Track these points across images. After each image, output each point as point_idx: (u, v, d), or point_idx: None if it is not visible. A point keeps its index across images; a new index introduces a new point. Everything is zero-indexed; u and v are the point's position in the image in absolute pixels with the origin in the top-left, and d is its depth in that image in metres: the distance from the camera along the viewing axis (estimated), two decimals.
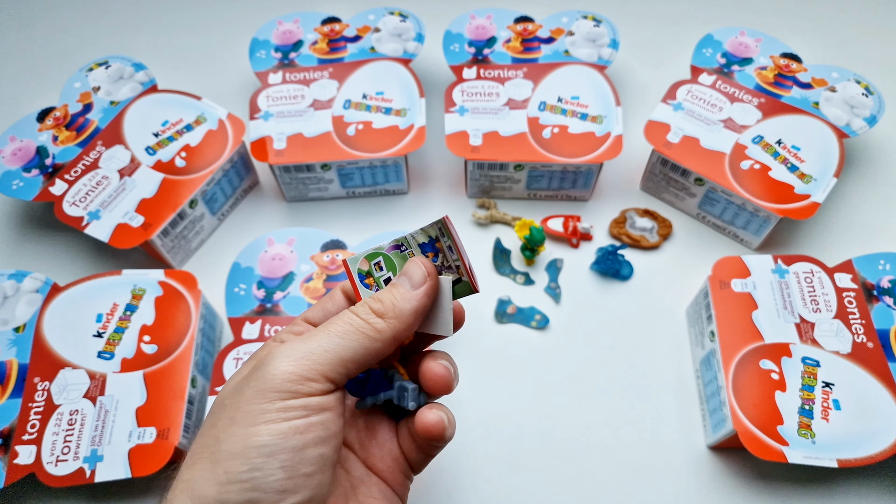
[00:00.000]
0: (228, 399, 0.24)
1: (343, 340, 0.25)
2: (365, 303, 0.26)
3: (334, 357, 0.24)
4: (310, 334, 0.25)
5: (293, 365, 0.24)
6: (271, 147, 0.52)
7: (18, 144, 0.52)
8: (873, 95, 0.54)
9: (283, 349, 0.24)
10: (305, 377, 0.24)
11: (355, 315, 0.26)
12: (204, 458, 0.23)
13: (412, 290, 0.26)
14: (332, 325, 0.25)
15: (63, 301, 0.46)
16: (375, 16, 0.59)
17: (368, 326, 0.25)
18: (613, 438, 0.45)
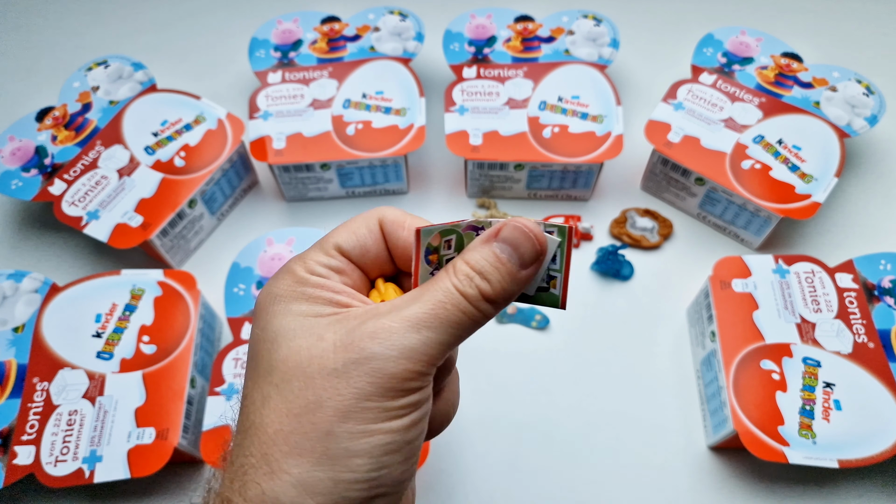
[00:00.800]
0: (321, 378, 0.22)
1: (455, 330, 0.23)
2: (472, 283, 0.23)
3: (446, 350, 0.23)
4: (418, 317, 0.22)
5: (414, 363, 0.22)
6: (271, 147, 0.52)
7: (17, 144, 0.52)
8: (874, 95, 0.53)
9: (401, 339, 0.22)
10: (423, 373, 0.22)
11: (466, 301, 0.23)
12: (316, 453, 0.21)
13: (521, 270, 0.23)
14: (443, 310, 0.23)
15: (62, 301, 0.46)
16: (375, 15, 0.59)
17: (479, 315, 0.23)
18: (614, 439, 0.45)
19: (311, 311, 0.23)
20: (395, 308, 0.23)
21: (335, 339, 0.22)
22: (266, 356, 0.23)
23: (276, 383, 0.22)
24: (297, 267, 0.24)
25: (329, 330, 0.22)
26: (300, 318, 0.23)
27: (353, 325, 0.22)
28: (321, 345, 0.22)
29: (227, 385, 0.42)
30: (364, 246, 0.25)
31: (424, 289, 0.23)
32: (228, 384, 0.43)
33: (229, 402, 0.42)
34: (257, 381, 0.23)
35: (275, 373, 0.22)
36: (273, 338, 0.23)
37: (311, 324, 0.23)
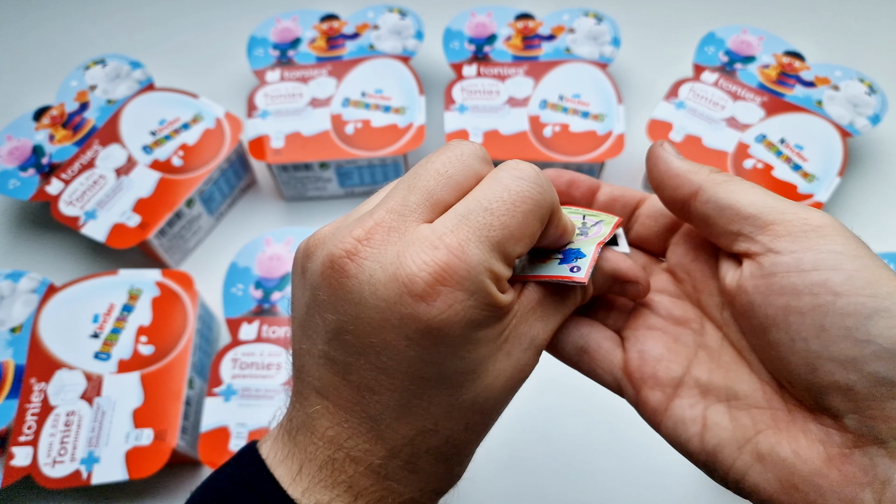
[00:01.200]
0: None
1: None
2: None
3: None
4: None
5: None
6: (269, 146, 0.52)
7: (14, 143, 0.52)
8: (876, 94, 0.53)
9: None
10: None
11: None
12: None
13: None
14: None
15: (59, 301, 0.45)
16: (374, 13, 0.59)
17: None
18: (615, 438, 0.44)
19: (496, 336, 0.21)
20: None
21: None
22: (469, 387, 0.21)
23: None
24: (487, 282, 0.19)
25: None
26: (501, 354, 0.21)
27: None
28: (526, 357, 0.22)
29: (226, 386, 0.42)
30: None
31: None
32: (226, 385, 0.42)
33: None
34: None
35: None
36: (472, 369, 0.20)
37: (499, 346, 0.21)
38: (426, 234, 0.19)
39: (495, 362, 0.21)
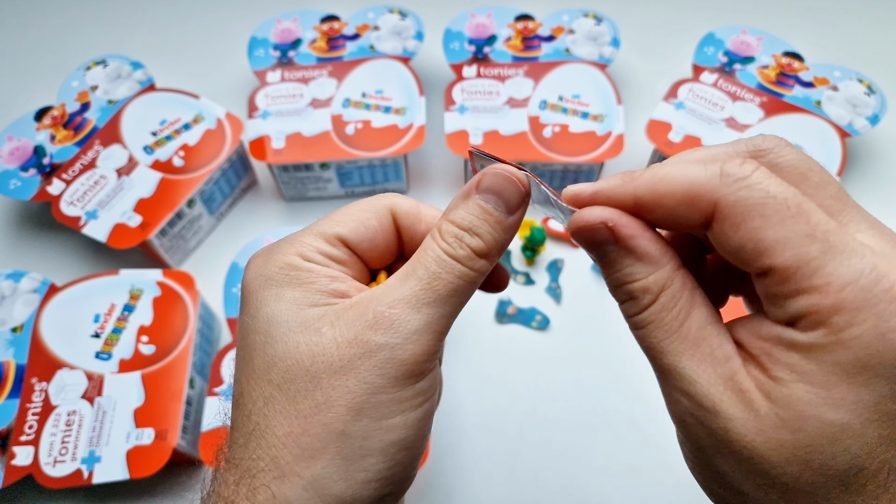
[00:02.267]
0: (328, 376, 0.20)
1: (455, 298, 0.21)
2: (462, 243, 0.21)
3: (450, 321, 0.21)
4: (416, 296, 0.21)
5: (422, 345, 0.20)
6: (270, 146, 0.52)
7: (16, 143, 0.52)
8: (875, 94, 0.53)
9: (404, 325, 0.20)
10: (432, 353, 0.21)
11: (460, 264, 0.21)
12: (328, 454, 0.20)
13: (509, 216, 0.22)
14: (438, 282, 0.21)
15: (61, 301, 0.45)
16: (375, 14, 0.59)
17: (476, 275, 0.21)
18: (615, 439, 0.45)
19: (306, 299, 0.21)
20: (390, 290, 0.21)
21: (335, 333, 0.20)
22: (260, 350, 0.21)
23: (277, 383, 0.21)
24: (288, 249, 0.22)
25: (327, 323, 0.21)
26: (294, 306, 0.21)
27: (353, 317, 0.21)
28: (321, 340, 0.20)
29: (227, 386, 0.42)
30: (374, 240, 0.23)
31: (416, 262, 0.22)
32: (227, 385, 0.42)
33: (223, 398, 0.42)
34: (254, 377, 0.21)
35: (273, 370, 0.21)
36: (266, 328, 0.21)
37: (307, 316, 0.21)
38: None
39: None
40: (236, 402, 0.22)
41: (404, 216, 0.24)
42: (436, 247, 0.21)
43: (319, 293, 0.22)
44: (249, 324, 0.22)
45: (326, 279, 0.22)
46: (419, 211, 0.24)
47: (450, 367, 0.48)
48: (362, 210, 0.23)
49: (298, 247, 0.22)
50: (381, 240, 0.24)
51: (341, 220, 0.23)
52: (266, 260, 0.22)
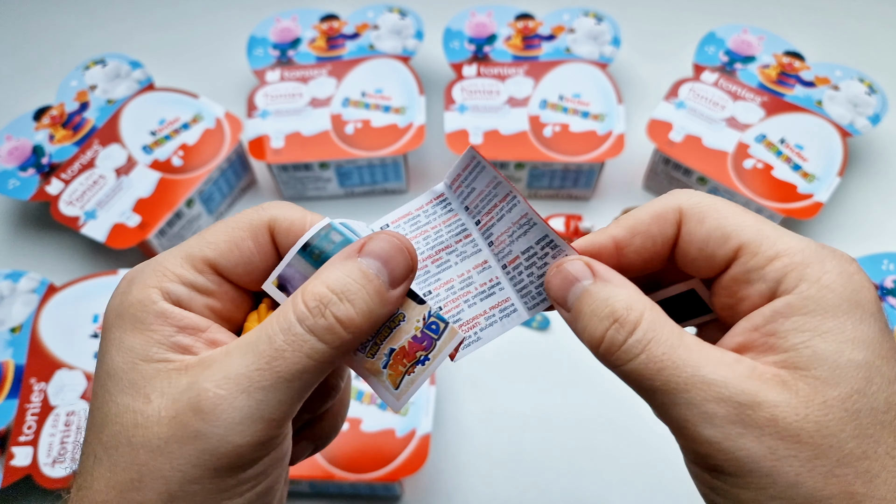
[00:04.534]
0: (146, 452, 0.18)
1: (301, 382, 0.18)
2: (326, 311, 0.18)
3: (292, 407, 0.19)
4: (250, 376, 0.18)
5: (247, 437, 0.18)
6: (269, 146, 0.52)
7: (14, 143, 0.52)
8: (876, 94, 0.53)
9: (227, 411, 0.18)
10: (261, 444, 0.18)
11: (315, 338, 0.18)
12: None
13: (391, 289, 0.19)
14: (281, 361, 0.18)
15: (59, 301, 0.45)
16: (374, 13, 0.59)
17: (334, 353, 0.19)
18: (615, 439, 0.44)
19: (144, 351, 0.19)
20: (226, 360, 0.18)
21: (160, 404, 0.18)
22: (98, 403, 0.19)
23: (104, 445, 0.19)
24: (149, 279, 0.20)
25: (156, 390, 0.18)
26: (130, 359, 0.19)
27: (181, 388, 0.18)
28: (147, 409, 0.18)
29: None
30: (250, 263, 0.20)
31: (263, 328, 0.19)
32: None
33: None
34: (91, 431, 0.19)
35: (104, 431, 0.19)
36: (104, 381, 0.19)
37: (140, 374, 0.19)
38: None
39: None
40: (82, 448, 0.20)
41: (285, 233, 0.21)
42: (290, 313, 0.18)
43: (159, 345, 0.19)
44: (97, 370, 0.20)
45: (170, 329, 0.19)
46: (304, 222, 0.21)
47: (450, 367, 0.48)
48: (236, 228, 0.20)
49: (159, 277, 0.20)
50: (258, 262, 0.21)
51: (212, 240, 0.20)
52: (127, 289, 0.20)
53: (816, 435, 0.17)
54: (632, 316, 0.19)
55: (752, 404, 0.17)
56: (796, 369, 0.18)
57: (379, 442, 0.40)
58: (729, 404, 0.17)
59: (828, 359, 0.17)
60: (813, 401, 0.17)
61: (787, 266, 0.19)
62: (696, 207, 0.20)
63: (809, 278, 0.18)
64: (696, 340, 0.19)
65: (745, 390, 0.18)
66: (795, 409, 0.17)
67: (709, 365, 0.18)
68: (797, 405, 0.17)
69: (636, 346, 0.19)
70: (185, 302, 0.20)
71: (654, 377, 0.18)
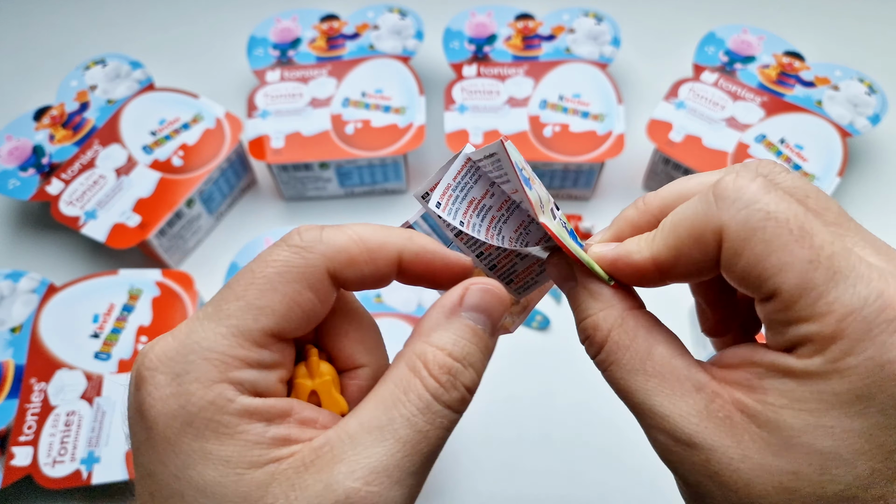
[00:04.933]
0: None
1: (437, 452, 0.18)
2: (456, 380, 0.18)
3: (429, 469, 0.18)
4: (397, 466, 0.17)
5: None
6: (269, 146, 0.52)
7: (15, 143, 0.52)
8: (876, 94, 0.53)
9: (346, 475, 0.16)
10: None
11: (451, 411, 0.18)
12: None
13: (491, 338, 0.19)
14: (426, 443, 0.17)
15: (59, 301, 0.45)
16: (374, 13, 0.59)
17: (459, 416, 0.18)
18: (615, 440, 0.44)
19: (241, 457, 0.16)
20: (359, 448, 0.16)
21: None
22: None
23: None
24: (206, 373, 0.16)
25: (281, 497, 0.16)
26: (228, 472, 0.16)
27: (317, 492, 0.16)
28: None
29: None
30: (312, 317, 0.18)
31: (392, 408, 0.17)
32: None
33: None
34: None
35: None
36: (194, 499, 0.16)
37: (253, 484, 0.16)
38: None
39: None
40: None
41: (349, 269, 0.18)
42: (423, 390, 0.17)
43: (258, 446, 0.16)
44: (174, 487, 0.16)
45: (261, 426, 0.17)
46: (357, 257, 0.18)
47: None
48: (289, 280, 0.17)
49: (221, 368, 0.16)
50: (319, 312, 0.18)
51: (265, 304, 0.17)
52: (177, 387, 0.16)
53: (744, 489, 0.17)
54: (598, 336, 0.20)
55: (689, 443, 0.18)
56: (755, 423, 0.17)
57: None
58: (668, 436, 0.18)
59: (787, 434, 0.16)
60: (751, 459, 0.17)
61: (814, 334, 0.16)
62: (737, 233, 0.17)
63: (832, 355, 0.16)
64: (668, 360, 0.19)
65: (686, 429, 0.18)
66: (731, 459, 0.17)
67: (661, 394, 0.18)
68: (733, 455, 0.17)
69: (601, 363, 0.20)
70: (260, 387, 0.17)
71: (617, 392, 0.20)
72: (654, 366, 0.19)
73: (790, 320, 0.17)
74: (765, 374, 0.17)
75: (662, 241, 0.19)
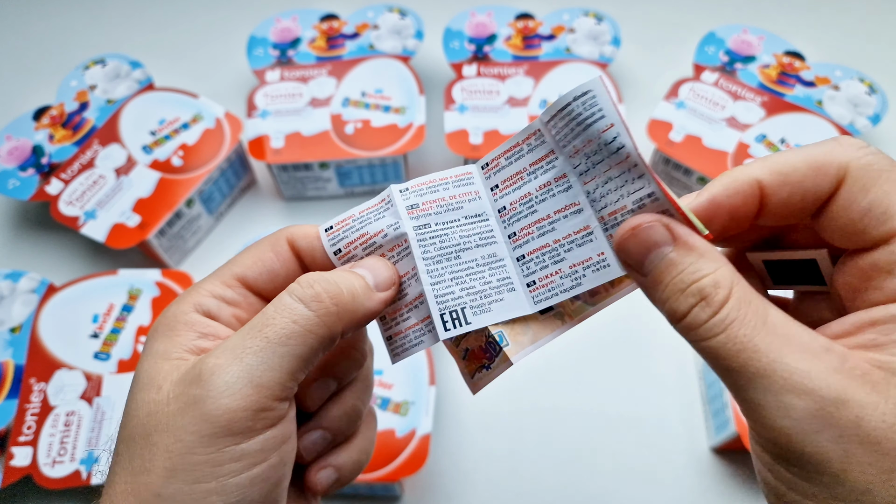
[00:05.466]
0: (156, 433, 0.19)
1: (291, 349, 0.20)
2: (311, 280, 0.21)
3: (286, 374, 0.20)
4: (244, 344, 0.20)
5: (243, 400, 0.19)
6: (269, 146, 0.52)
7: (14, 143, 0.52)
8: (877, 94, 0.53)
9: (220, 375, 0.19)
10: (259, 409, 0.19)
11: (301, 304, 0.20)
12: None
13: (375, 291, 0.22)
14: (270, 327, 0.20)
15: (59, 301, 0.45)
16: (374, 13, 0.59)
17: (317, 321, 0.20)
18: (615, 440, 0.44)
19: (167, 352, 0.21)
20: (224, 342, 0.20)
21: (169, 389, 0.20)
22: (125, 407, 0.21)
23: (124, 439, 0.20)
24: (188, 297, 0.22)
25: (168, 379, 0.20)
26: (154, 360, 0.21)
27: (186, 370, 0.20)
28: (158, 397, 0.20)
29: None
30: (272, 271, 0.23)
31: (258, 314, 0.21)
32: None
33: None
34: (118, 430, 0.21)
35: (125, 427, 0.20)
36: (134, 383, 0.21)
37: (158, 370, 0.20)
38: None
39: None
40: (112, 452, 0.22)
41: (301, 238, 0.23)
42: (283, 292, 0.21)
43: (181, 347, 0.21)
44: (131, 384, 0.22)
45: (193, 335, 0.21)
46: (319, 234, 0.23)
47: (450, 367, 0.47)
48: (258, 245, 0.23)
49: (195, 295, 0.22)
50: (280, 269, 0.23)
51: (239, 259, 0.23)
52: (171, 305, 0.22)
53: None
54: (720, 295, 0.17)
55: (837, 401, 0.16)
56: (893, 374, 0.16)
57: (379, 442, 0.40)
58: (811, 398, 0.16)
59: None
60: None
61: None
62: (865, 171, 0.18)
63: None
64: (785, 320, 0.17)
65: (831, 385, 0.16)
66: (883, 415, 0.16)
67: (794, 352, 0.17)
68: (885, 411, 0.16)
69: (718, 324, 0.17)
70: (213, 313, 0.22)
71: (731, 358, 0.17)
72: (775, 325, 0.17)
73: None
74: (892, 329, 0.17)
75: (769, 166, 0.18)
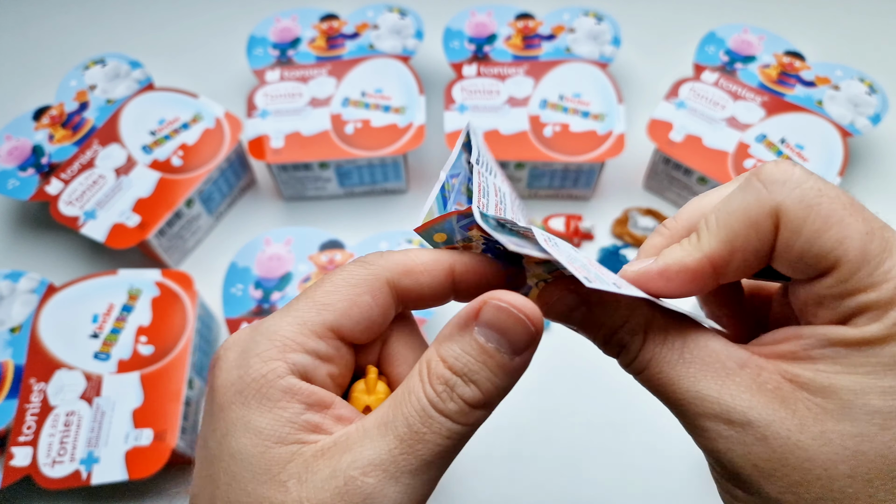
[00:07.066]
0: None
1: (441, 460, 0.18)
2: (452, 392, 0.18)
3: (433, 486, 0.18)
4: (396, 462, 0.17)
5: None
6: (269, 146, 0.51)
7: (14, 143, 0.52)
8: (877, 94, 0.53)
9: (378, 499, 0.17)
10: None
11: (450, 420, 0.18)
12: None
13: (513, 357, 0.19)
14: (422, 445, 0.18)
15: (59, 301, 0.45)
16: (374, 12, 0.58)
17: (468, 429, 0.18)
18: (615, 440, 0.44)
19: (274, 431, 0.18)
20: (366, 443, 0.18)
21: (302, 495, 0.17)
22: (224, 492, 0.18)
23: None
24: (268, 351, 0.19)
25: (294, 476, 0.17)
26: (261, 442, 0.18)
27: (324, 477, 0.17)
28: (286, 500, 0.17)
29: None
30: (369, 319, 0.20)
31: (397, 407, 0.18)
32: None
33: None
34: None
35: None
36: (230, 468, 0.18)
37: (273, 459, 0.18)
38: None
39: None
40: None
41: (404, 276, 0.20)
42: (421, 394, 0.18)
43: (290, 424, 0.18)
44: (215, 452, 0.18)
45: (299, 407, 0.18)
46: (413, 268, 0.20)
47: None
48: (350, 285, 0.19)
49: (280, 348, 0.19)
50: (377, 317, 0.20)
51: (327, 301, 0.19)
52: (243, 361, 0.19)
53: (807, 463, 0.16)
54: (636, 342, 0.19)
55: (744, 422, 0.17)
56: (808, 391, 0.17)
57: None
58: (720, 420, 0.17)
59: (845, 398, 0.16)
60: (810, 428, 0.17)
61: (873, 302, 0.17)
62: (795, 212, 0.17)
63: (890, 319, 0.16)
64: (705, 343, 0.18)
65: (738, 408, 0.17)
66: (788, 431, 0.17)
67: (707, 376, 0.18)
68: (790, 427, 0.17)
69: (640, 364, 0.19)
70: (310, 374, 0.19)
71: (658, 391, 0.19)
72: (692, 353, 0.18)
73: (848, 292, 0.17)
74: (814, 346, 0.17)
75: (714, 237, 0.18)
